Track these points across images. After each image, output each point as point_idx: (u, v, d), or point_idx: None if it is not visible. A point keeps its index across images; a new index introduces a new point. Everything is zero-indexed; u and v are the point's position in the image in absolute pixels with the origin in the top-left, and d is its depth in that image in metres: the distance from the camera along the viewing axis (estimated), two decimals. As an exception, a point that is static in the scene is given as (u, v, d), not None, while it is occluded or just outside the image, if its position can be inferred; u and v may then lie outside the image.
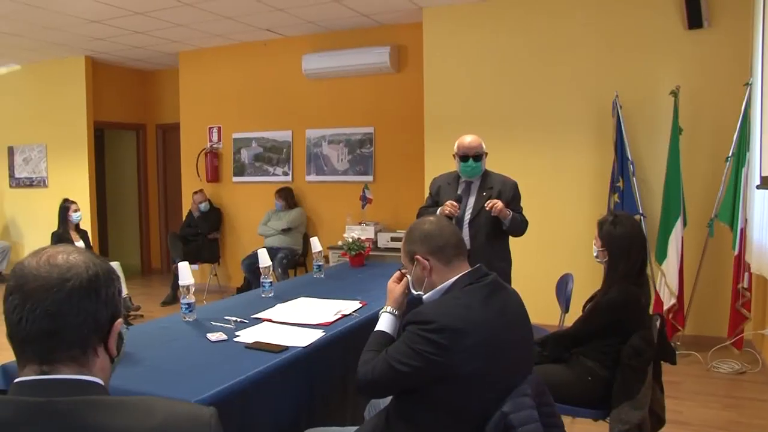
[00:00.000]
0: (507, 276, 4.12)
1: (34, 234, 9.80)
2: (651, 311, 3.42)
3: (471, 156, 4.13)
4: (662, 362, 3.19)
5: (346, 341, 2.96)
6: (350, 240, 4.99)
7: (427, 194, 4.61)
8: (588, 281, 4.22)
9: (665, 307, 5.45)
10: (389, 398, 2.33)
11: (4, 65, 9.95)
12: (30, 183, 10.03)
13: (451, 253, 2.24)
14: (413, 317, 2.09)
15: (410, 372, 2.02)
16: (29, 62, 9.68)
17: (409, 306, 2.38)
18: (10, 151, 10.20)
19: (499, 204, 3.95)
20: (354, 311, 3.32)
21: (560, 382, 3.05)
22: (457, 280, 2.21)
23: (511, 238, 4.26)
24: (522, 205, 4.26)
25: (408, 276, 2.37)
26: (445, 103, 6.65)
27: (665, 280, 5.47)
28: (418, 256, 2.27)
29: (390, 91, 7.46)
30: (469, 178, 4.24)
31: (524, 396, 1.99)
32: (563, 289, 4.14)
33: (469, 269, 2.24)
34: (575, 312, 3.49)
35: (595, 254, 3.31)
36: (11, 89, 10.10)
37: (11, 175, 10.24)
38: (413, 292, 2.36)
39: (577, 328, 3.23)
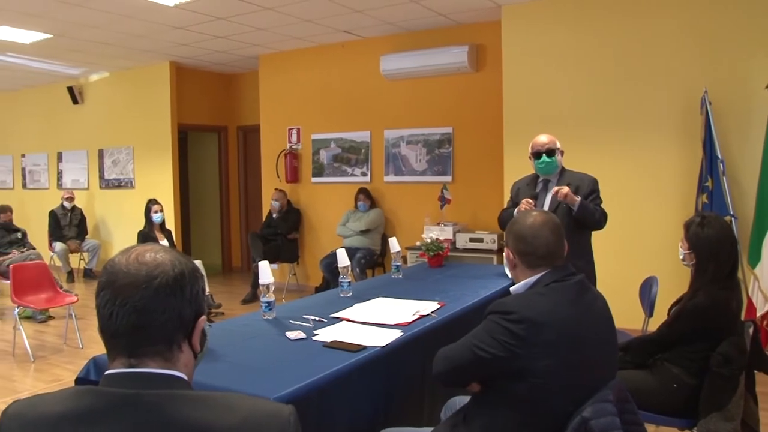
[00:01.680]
0: (591, 275, 4.03)
1: (122, 233, 10.19)
2: (743, 317, 3.27)
3: (543, 152, 4.09)
4: (756, 372, 3.04)
5: (424, 342, 2.94)
6: (429, 240, 4.97)
7: (507, 195, 4.56)
8: (674, 285, 4.07)
9: (759, 314, 5.15)
10: (466, 399, 2.31)
11: (95, 72, 10.38)
12: (118, 184, 10.43)
13: (534, 261, 2.23)
14: (496, 307, 2.11)
15: (488, 358, 2.03)
16: (118, 69, 10.08)
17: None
18: (100, 154, 10.64)
19: (566, 189, 3.89)
20: (432, 312, 3.30)
21: (643, 389, 2.95)
22: (541, 276, 2.21)
23: (593, 237, 4.18)
24: (603, 205, 4.15)
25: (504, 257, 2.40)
26: (524, 102, 6.54)
27: (759, 285, 5.18)
28: (507, 249, 2.33)
29: (469, 91, 7.40)
30: (546, 176, 4.19)
31: (606, 401, 1.94)
32: (647, 293, 4.02)
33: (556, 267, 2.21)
34: (660, 316, 3.38)
35: (681, 257, 3.19)
36: (101, 95, 10.55)
37: (101, 177, 10.68)
38: (509, 272, 2.38)
39: (662, 333, 3.12)
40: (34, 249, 8.22)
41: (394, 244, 4.61)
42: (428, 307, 3.39)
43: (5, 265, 7.49)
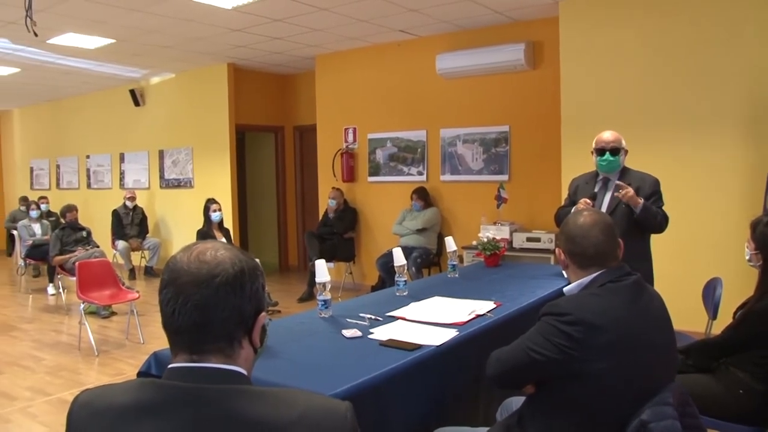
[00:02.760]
0: (649, 277, 3.93)
1: (181, 232, 10.41)
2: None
3: (608, 150, 4.00)
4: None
5: (479, 341, 2.92)
6: (485, 240, 4.94)
7: (564, 194, 4.49)
8: (739, 287, 3.94)
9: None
10: (522, 399, 2.29)
11: (156, 75, 10.63)
12: (178, 184, 10.65)
13: (584, 262, 2.21)
14: (549, 308, 2.08)
15: (543, 361, 2.01)
16: (177, 71, 10.31)
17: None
18: (161, 155, 10.89)
19: (630, 191, 3.79)
20: (488, 311, 3.27)
21: (706, 394, 2.86)
22: (596, 276, 2.17)
23: (652, 237, 4.08)
24: (666, 206, 4.05)
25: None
26: (583, 100, 6.42)
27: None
28: (558, 249, 2.30)
29: (525, 89, 7.31)
30: (606, 174, 4.10)
31: (665, 405, 1.89)
32: (711, 295, 3.91)
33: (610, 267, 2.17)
34: (724, 319, 3.28)
35: (747, 258, 3.09)
36: (162, 97, 10.80)
37: (161, 177, 10.93)
38: (563, 271, 2.36)
39: (727, 336, 3.01)
40: (98, 247, 8.45)
41: (450, 244, 4.59)
42: (484, 306, 3.36)
43: (71, 263, 7.75)
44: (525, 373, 2.13)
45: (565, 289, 2.29)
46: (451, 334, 2.85)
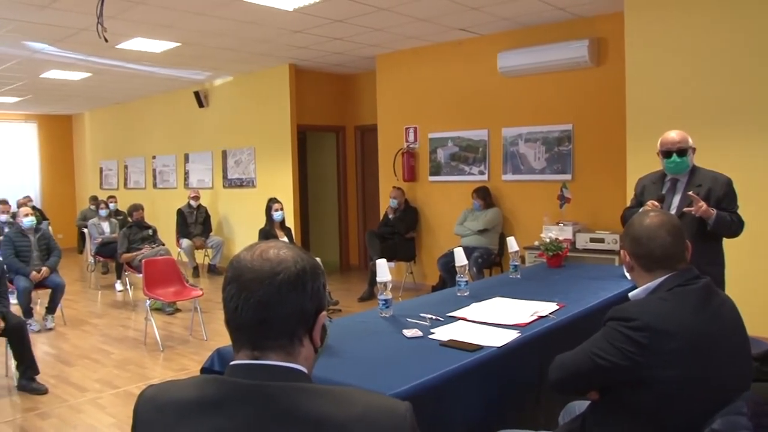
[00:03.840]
0: (720, 281, 3.80)
1: (244, 230, 10.58)
2: None
3: (674, 151, 3.88)
4: None
5: (542, 343, 2.87)
6: (548, 240, 4.87)
7: (630, 194, 4.38)
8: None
9: None
10: (585, 404, 2.23)
11: (219, 77, 10.82)
12: (240, 183, 10.82)
13: (651, 264, 2.14)
14: (615, 313, 2.03)
15: (608, 367, 1.96)
16: (240, 73, 10.48)
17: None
18: (224, 155, 11.08)
19: (703, 206, 3.66)
20: (551, 313, 3.21)
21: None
22: (664, 280, 2.10)
23: (725, 240, 3.94)
24: (738, 205, 3.91)
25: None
26: (649, 97, 6.23)
27: None
28: (623, 251, 2.23)
29: (589, 86, 7.17)
30: (675, 175, 3.98)
31: (739, 414, 1.82)
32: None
33: (677, 271, 2.09)
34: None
35: None
36: (225, 99, 11.00)
37: (224, 177, 11.13)
38: (627, 274, 2.29)
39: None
40: (163, 245, 8.66)
41: (512, 244, 4.53)
42: (546, 308, 3.31)
43: (138, 260, 7.95)
44: (589, 380, 2.08)
45: (630, 294, 2.22)
46: (513, 335, 2.82)
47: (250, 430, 1.19)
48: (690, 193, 3.77)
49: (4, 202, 9.97)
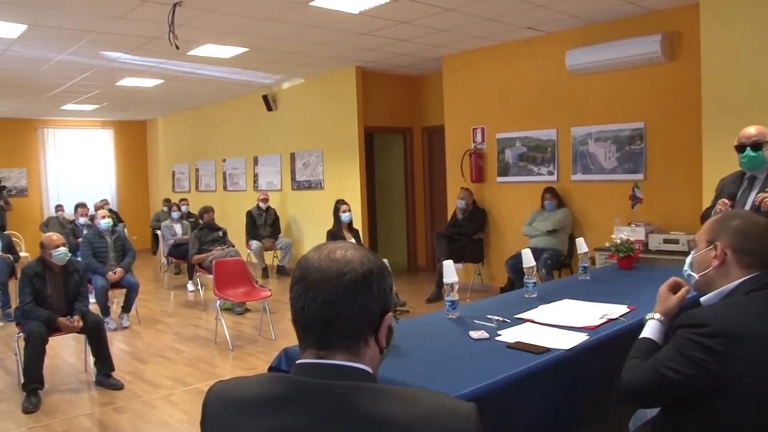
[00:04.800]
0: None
1: (312, 232, 10.68)
2: None
3: (748, 145, 3.73)
4: None
5: (611, 347, 2.79)
6: (619, 241, 4.74)
7: (706, 194, 4.23)
8: None
9: None
10: (657, 410, 2.16)
11: (287, 80, 10.97)
12: (308, 185, 10.94)
13: (755, 262, 2.02)
14: (685, 320, 1.93)
15: (679, 380, 1.86)
16: (307, 76, 10.61)
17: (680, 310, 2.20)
18: (292, 157, 11.23)
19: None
20: (621, 316, 3.12)
21: None
22: (740, 284, 2.00)
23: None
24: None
25: (691, 255, 2.18)
26: (727, 92, 5.98)
27: None
28: (719, 243, 2.07)
29: (662, 83, 6.95)
30: (751, 172, 3.83)
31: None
32: None
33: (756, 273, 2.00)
34: None
35: None
36: (293, 102, 11.15)
37: (293, 179, 11.28)
38: (692, 274, 2.17)
39: None
40: (233, 246, 8.82)
41: (581, 245, 4.44)
42: (617, 310, 3.22)
43: (209, 261, 8.13)
44: (661, 393, 1.98)
45: (702, 299, 2.13)
46: (582, 338, 2.75)
47: (314, 428, 1.20)
48: (760, 194, 3.62)
49: (83, 205, 10.35)
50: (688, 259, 2.21)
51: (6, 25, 6.64)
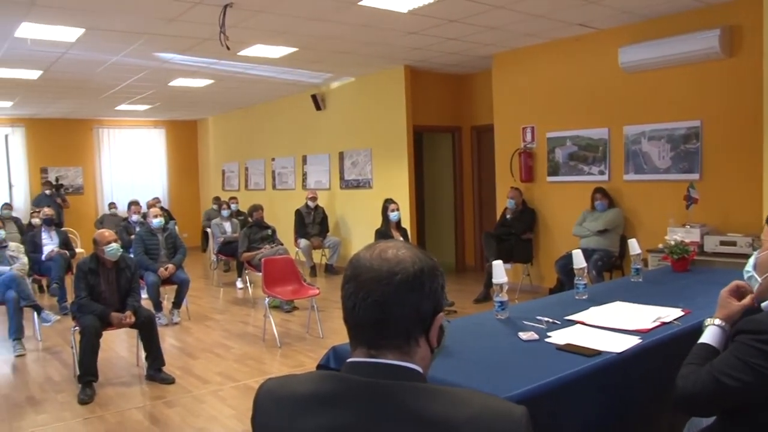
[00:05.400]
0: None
1: (360, 231, 10.70)
2: None
3: None
4: None
5: (665, 351, 2.72)
6: (673, 243, 4.63)
7: (767, 194, 4.09)
8: None
9: None
10: (712, 418, 2.08)
11: (336, 80, 11.02)
12: (357, 184, 10.96)
13: None
14: (746, 325, 1.85)
15: (738, 387, 1.79)
16: (356, 76, 10.64)
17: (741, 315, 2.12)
18: (341, 156, 11.27)
19: None
20: (675, 319, 3.05)
21: None
22: None
23: None
24: None
25: (755, 255, 2.09)
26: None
27: None
28: None
29: (720, 79, 6.73)
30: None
31: None
32: None
33: None
34: None
35: None
36: (342, 101, 11.20)
37: (341, 178, 11.31)
38: (755, 276, 2.09)
39: None
40: (281, 245, 8.89)
41: (634, 246, 4.35)
42: (671, 314, 3.13)
43: (258, 259, 8.21)
44: (717, 401, 1.90)
45: (764, 304, 2.05)
46: (634, 341, 2.69)
47: (364, 427, 1.20)
48: None
49: (136, 203, 10.56)
50: (752, 260, 2.12)
51: (65, 30, 6.86)
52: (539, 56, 8.46)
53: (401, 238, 7.70)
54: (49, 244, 8.74)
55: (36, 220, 9.42)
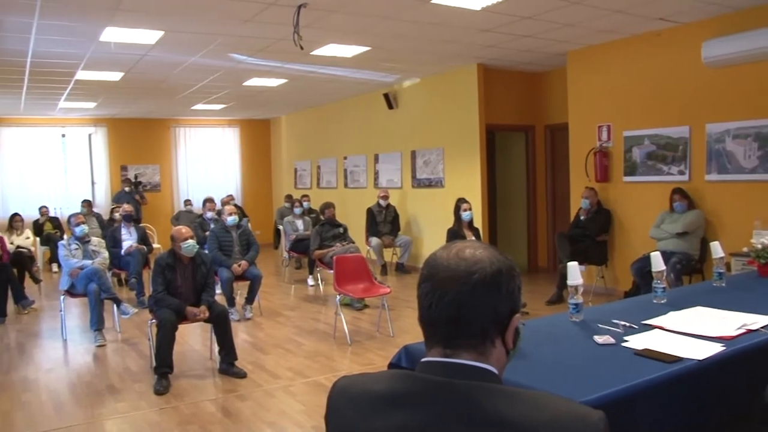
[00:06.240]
0: None
1: (432, 230, 10.66)
2: None
3: None
4: None
5: (751, 360, 2.61)
6: (759, 246, 4.44)
7: None
8: None
9: None
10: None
11: (408, 79, 11.01)
12: (429, 183, 10.93)
13: None
14: None
15: None
16: (428, 74, 10.59)
17: None
18: (413, 155, 11.26)
19: None
20: (762, 327, 2.90)
21: None
22: None
23: None
24: None
25: None
26: None
27: None
28: None
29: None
30: None
31: None
32: None
33: None
34: None
35: None
36: (414, 100, 11.19)
37: (413, 177, 11.29)
38: None
39: None
40: (353, 243, 8.93)
41: (716, 249, 4.18)
42: (757, 321, 2.99)
43: (329, 257, 8.26)
44: None
45: None
46: (716, 348, 2.58)
47: (438, 427, 1.19)
48: None
49: (210, 201, 10.79)
50: None
51: (146, 32, 7.08)
52: (616, 53, 8.24)
53: (473, 238, 7.63)
54: (128, 240, 9.02)
55: (117, 215, 9.72)
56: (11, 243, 9.78)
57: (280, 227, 11.84)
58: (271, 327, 7.42)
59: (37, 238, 12.03)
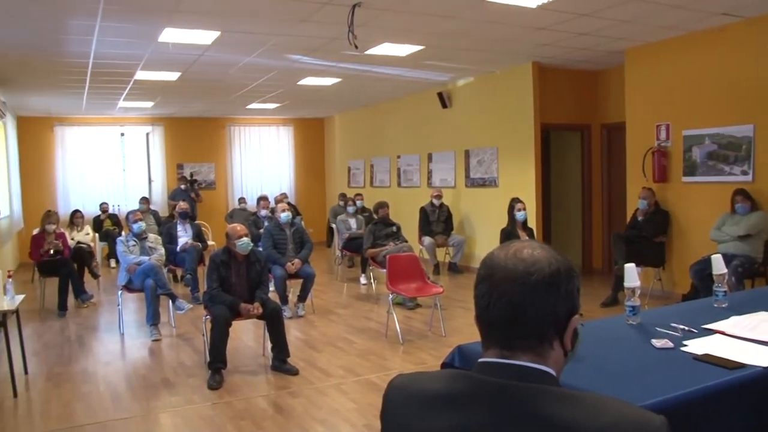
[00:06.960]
0: None
1: (485, 230, 10.58)
2: None
3: None
4: None
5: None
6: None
7: None
8: None
9: None
10: None
11: (462, 78, 10.96)
12: (482, 183, 10.86)
13: None
14: None
15: None
16: (482, 73, 10.53)
17: None
18: (467, 155, 11.20)
19: None
20: (831, 332, 2.80)
21: None
22: None
23: None
24: None
25: None
26: None
27: None
28: None
29: None
30: None
31: None
32: None
33: None
34: None
35: None
36: (467, 99, 11.13)
37: (467, 176, 11.24)
38: None
39: None
40: (406, 242, 8.93)
41: (780, 252, 4.05)
42: (825, 325, 2.89)
43: (382, 256, 8.27)
44: None
45: None
46: (783, 355, 2.49)
47: (494, 428, 1.18)
48: None
49: (264, 199, 10.91)
50: None
51: (202, 33, 7.20)
52: (676, 50, 8.04)
53: (527, 238, 7.55)
54: (184, 237, 9.19)
55: (176, 211, 9.92)
56: (72, 239, 10.04)
57: (333, 226, 11.90)
58: (324, 325, 7.47)
59: (96, 234, 12.34)
